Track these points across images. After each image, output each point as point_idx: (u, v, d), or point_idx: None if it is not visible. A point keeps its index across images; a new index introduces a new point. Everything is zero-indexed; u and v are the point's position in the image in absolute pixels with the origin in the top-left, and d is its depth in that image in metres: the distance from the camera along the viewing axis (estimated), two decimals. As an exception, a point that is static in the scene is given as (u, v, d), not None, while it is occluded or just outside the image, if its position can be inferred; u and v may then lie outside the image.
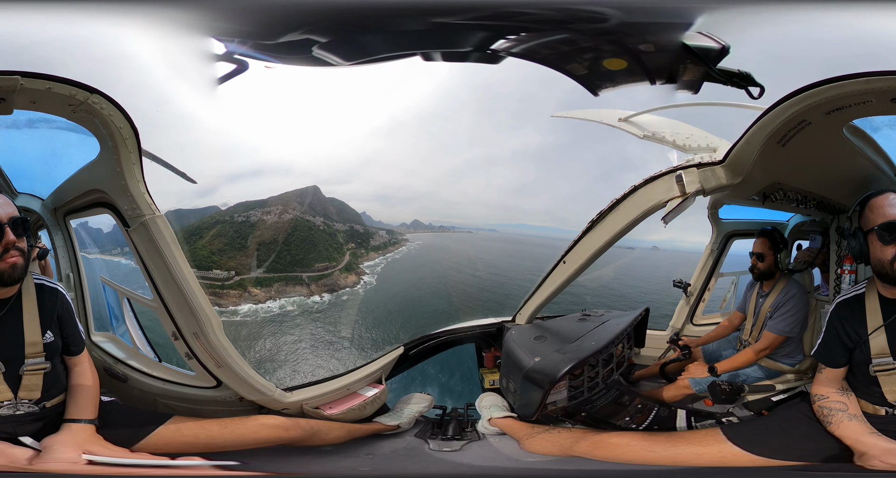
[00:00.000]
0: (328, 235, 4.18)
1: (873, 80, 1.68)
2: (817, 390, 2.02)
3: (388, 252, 4.52)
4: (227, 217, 3.49)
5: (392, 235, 4.57)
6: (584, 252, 2.37)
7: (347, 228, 4.33)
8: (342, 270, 4.18)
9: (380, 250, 4.49)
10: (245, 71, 2.44)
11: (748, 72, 2.23)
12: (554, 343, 2.42)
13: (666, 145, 2.40)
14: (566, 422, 2.38)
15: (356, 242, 4.37)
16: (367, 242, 4.45)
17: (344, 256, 4.25)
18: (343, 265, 4.20)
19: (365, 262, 4.38)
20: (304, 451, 2.22)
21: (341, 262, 4.20)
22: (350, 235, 4.34)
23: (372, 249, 4.45)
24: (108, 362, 2.33)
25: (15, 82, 1.67)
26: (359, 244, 4.38)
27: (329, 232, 4.19)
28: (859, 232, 1.92)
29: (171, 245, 1.98)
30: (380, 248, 4.50)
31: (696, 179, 2.05)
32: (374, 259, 4.44)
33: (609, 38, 2.37)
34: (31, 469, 1.73)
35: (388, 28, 2.41)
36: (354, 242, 4.36)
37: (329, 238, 4.19)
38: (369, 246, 4.45)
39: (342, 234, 4.27)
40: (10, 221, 1.77)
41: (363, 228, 4.44)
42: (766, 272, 2.54)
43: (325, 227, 4.15)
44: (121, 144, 1.87)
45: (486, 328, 3.00)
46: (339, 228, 4.26)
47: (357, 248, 4.36)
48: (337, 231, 4.24)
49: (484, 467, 2.23)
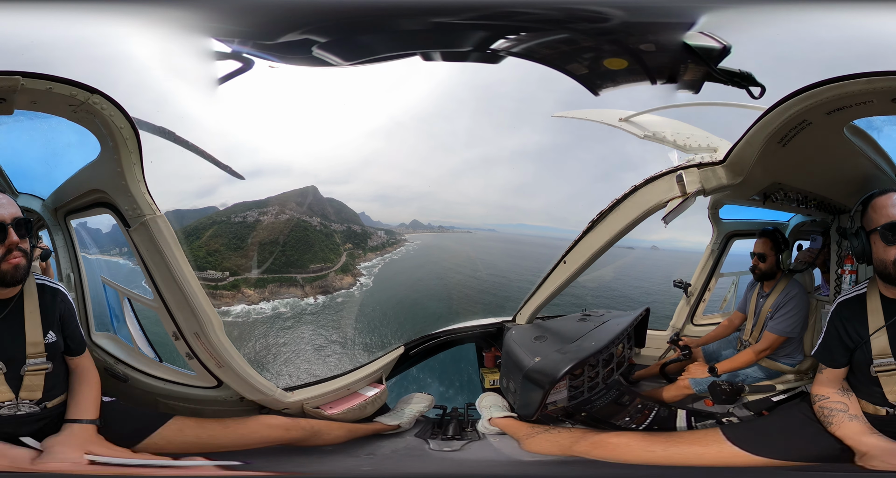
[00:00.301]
0: (325, 236, 4.10)
1: (874, 80, 1.68)
2: (818, 390, 2.01)
3: (387, 253, 4.43)
4: (223, 218, 3.45)
5: (391, 236, 4.48)
6: (584, 252, 2.37)
7: (345, 229, 4.24)
8: (338, 272, 4.09)
9: (377, 251, 4.39)
10: (245, 71, 2.44)
11: (749, 72, 2.22)
12: (554, 343, 2.42)
13: (666, 145, 2.40)
14: (566, 422, 2.39)
15: (353, 243, 4.28)
16: (364, 242, 4.36)
17: (340, 257, 4.17)
18: (339, 266, 4.12)
19: (362, 263, 4.30)
20: (305, 451, 2.23)
21: (337, 263, 4.12)
22: (347, 235, 4.25)
23: (370, 249, 4.36)
24: (108, 362, 2.33)
25: (15, 82, 1.67)
26: (356, 245, 4.29)
27: (326, 232, 4.10)
28: (862, 232, 1.91)
29: (172, 245, 1.98)
30: (378, 248, 4.40)
31: (696, 179, 2.05)
32: (371, 260, 4.35)
33: (610, 37, 2.37)
34: (33, 469, 1.74)
35: (387, 28, 2.41)
36: (352, 243, 4.27)
37: (325, 239, 4.12)
38: (367, 247, 4.36)
39: (339, 234, 4.18)
40: (13, 221, 1.78)
41: (361, 229, 4.36)
42: (768, 273, 2.54)
43: (322, 227, 4.06)
44: (121, 144, 1.87)
45: (486, 328, 3.00)
46: (336, 229, 4.17)
47: (354, 248, 4.28)
48: (334, 232, 4.15)
49: (484, 466, 2.24)
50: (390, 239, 4.47)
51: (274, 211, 3.66)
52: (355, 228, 4.33)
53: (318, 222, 3.99)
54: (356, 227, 4.33)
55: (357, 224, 4.35)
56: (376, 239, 4.43)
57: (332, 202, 4.09)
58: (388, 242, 4.47)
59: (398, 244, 4.49)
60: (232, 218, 3.50)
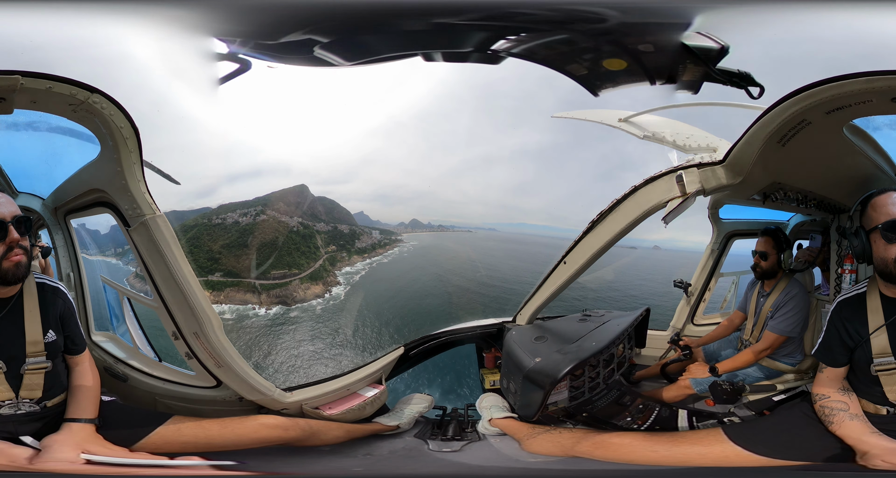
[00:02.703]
0: (301, 238, 3.66)
1: (874, 79, 1.68)
2: (818, 389, 2.01)
3: (376, 255, 4.01)
4: (205, 219, 3.31)
5: (386, 236, 4.11)
6: (584, 252, 2.37)
7: (331, 229, 3.83)
8: (305, 279, 3.60)
9: (365, 253, 3.96)
10: (246, 71, 2.44)
11: (748, 72, 2.23)
12: (554, 344, 2.42)
13: (666, 145, 2.41)
14: (567, 422, 2.38)
15: (338, 245, 3.87)
16: (351, 244, 3.92)
17: (315, 261, 3.71)
18: (308, 273, 3.64)
19: (345, 267, 3.83)
20: (304, 451, 2.22)
21: (308, 268, 3.64)
22: (332, 236, 3.83)
23: (356, 252, 3.93)
24: (108, 362, 2.33)
25: (15, 82, 1.67)
26: (341, 247, 3.88)
27: (305, 234, 3.67)
28: (861, 231, 1.91)
29: (172, 245, 1.98)
30: (366, 250, 3.98)
31: (696, 179, 2.05)
32: (355, 264, 3.90)
33: (608, 38, 2.37)
34: (30, 469, 1.73)
35: (388, 28, 2.41)
36: (336, 245, 3.86)
37: (302, 241, 3.68)
38: (353, 249, 3.93)
39: (324, 235, 3.78)
40: (13, 219, 1.78)
41: (349, 229, 3.92)
42: (769, 271, 2.54)
43: (303, 228, 3.66)
44: (121, 144, 1.87)
45: (486, 329, 2.99)
46: (321, 230, 3.77)
47: (338, 251, 3.85)
48: (317, 232, 3.75)
49: (484, 467, 2.23)
50: (383, 240, 4.10)
51: (254, 212, 3.44)
52: (342, 229, 3.92)
53: (296, 223, 3.62)
54: (344, 227, 3.93)
55: (347, 224, 3.96)
56: (366, 240, 4.02)
57: (324, 201, 3.80)
58: (380, 242, 4.07)
59: (391, 245, 4.13)
60: (213, 219, 3.34)
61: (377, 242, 4.05)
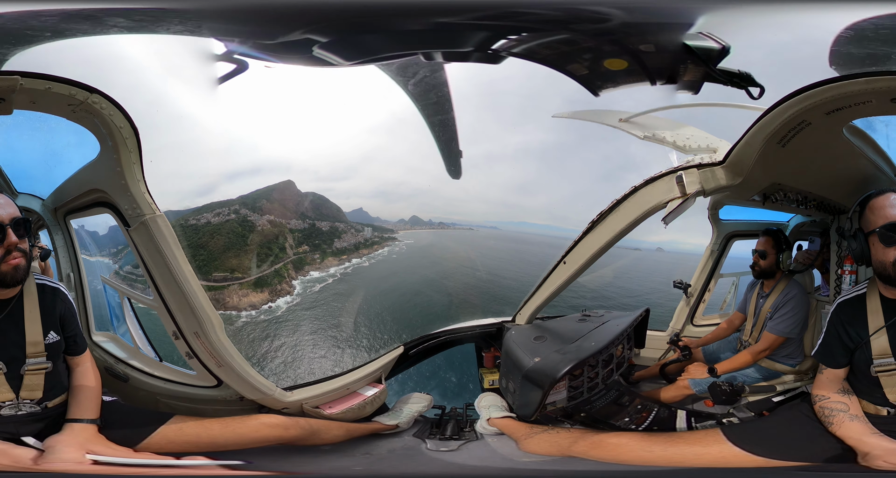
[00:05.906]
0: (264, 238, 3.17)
1: (873, 80, 1.68)
2: (818, 390, 2.01)
3: (359, 256, 3.47)
4: (182, 221, 3.08)
5: (378, 233, 3.65)
6: (584, 253, 2.37)
7: (307, 227, 3.32)
8: (246, 285, 3.07)
9: (344, 255, 3.40)
10: (245, 71, 2.44)
11: (748, 72, 2.22)
12: (554, 343, 2.42)
13: (666, 146, 2.40)
14: (565, 422, 2.38)
15: (313, 245, 3.34)
16: (329, 243, 3.38)
17: (274, 264, 3.19)
18: (254, 278, 3.10)
19: (312, 271, 3.28)
20: (304, 450, 2.23)
21: (254, 273, 3.12)
22: (308, 235, 3.32)
23: (332, 253, 3.38)
24: (109, 362, 2.34)
25: (14, 82, 1.67)
26: (315, 247, 3.34)
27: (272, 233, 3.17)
28: (860, 233, 1.91)
29: (172, 245, 1.98)
30: (347, 251, 3.42)
31: (696, 179, 2.05)
32: (328, 268, 3.32)
33: (610, 38, 2.36)
34: (35, 469, 1.74)
35: (389, 28, 2.40)
36: (310, 245, 3.34)
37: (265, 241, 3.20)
38: (329, 249, 3.38)
39: (297, 234, 3.28)
40: (11, 221, 1.77)
41: (329, 226, 3.38)
42: (767, 270, 2.54)
43: (270, 226, 3.18)
44: (121, 144, 1.86)
45: (485, 328, 3.00)
46: (294, 228, 3.28)
47: (311, 251, 3.32)
48: (290, 231, 3.27)
49: (481, 467, 2.23)
50: (372, 238, 3.60)
51: (227, 211, 3.12)
52: (321, 226, 3.41)
53: (265, 222, 3.19)
54: (323, 224, 3.43)
55: (334, 221, 3.46)
56: (348, 239, 3.49)
57: (313, 197, 3.39)
58: (367, 242, 3.55)
59: (381, 244, 3.65)
60: (189, 220, 3.10)
61: (362, 242, 3.56)
